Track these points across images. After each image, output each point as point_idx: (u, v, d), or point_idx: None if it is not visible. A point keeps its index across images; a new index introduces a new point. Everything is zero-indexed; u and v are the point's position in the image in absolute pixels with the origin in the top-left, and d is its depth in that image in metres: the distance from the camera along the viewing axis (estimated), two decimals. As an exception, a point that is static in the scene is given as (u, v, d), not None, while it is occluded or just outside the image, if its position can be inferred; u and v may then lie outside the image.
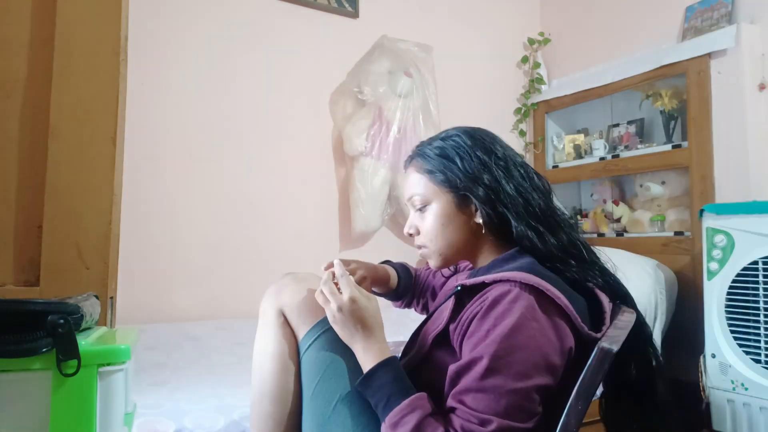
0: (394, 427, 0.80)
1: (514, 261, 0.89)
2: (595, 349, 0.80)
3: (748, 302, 1.90)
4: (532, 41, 3.38)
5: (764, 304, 1.86)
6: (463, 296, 0.88)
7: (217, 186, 2.45)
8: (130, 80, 1.25)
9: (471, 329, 0.82)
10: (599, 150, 2.94)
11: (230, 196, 2.48)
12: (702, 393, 2.02)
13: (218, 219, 2.44)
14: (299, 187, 2.65)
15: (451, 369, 0.81)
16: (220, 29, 2.49)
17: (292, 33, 2.66)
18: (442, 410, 0.82)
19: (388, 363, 0.87)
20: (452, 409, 0.79)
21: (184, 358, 1.67)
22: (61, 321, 0.70)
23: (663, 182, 2.70)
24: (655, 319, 2.27)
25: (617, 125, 2.93)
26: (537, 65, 3.36)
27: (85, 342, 0.74)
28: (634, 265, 2.32)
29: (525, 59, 3.39)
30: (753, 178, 2.27)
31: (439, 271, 1.22)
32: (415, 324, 1.02)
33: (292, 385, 0.96)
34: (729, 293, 1.95)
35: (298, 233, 2.62)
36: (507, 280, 0.83)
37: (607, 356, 0.79)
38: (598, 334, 0.84)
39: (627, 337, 0.84)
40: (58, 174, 1.04)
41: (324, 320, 0.94)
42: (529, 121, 3.36)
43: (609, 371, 0.80)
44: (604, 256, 0.96)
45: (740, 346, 1.92)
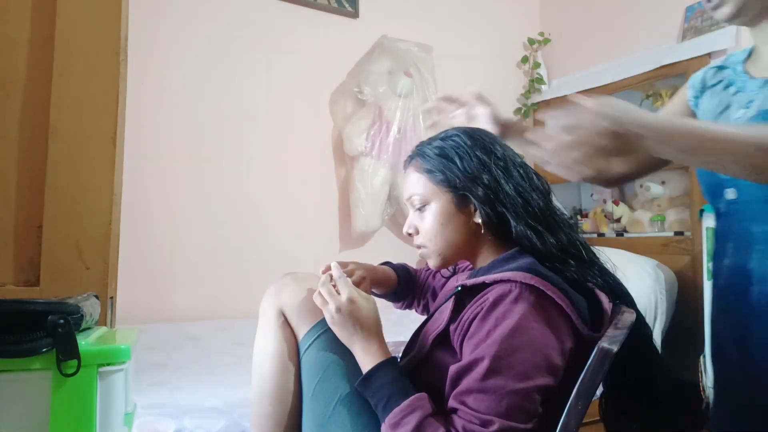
0: (394, 427, 0.80)
1: (515, 261, 0.89)
2: (595, 349, 0.80)
3: (748, 302, 1.90)
4: (532, 41, 3.38)
5: (764, 304, 1.86)
6: (464, 297, 0.88)
7: (217, 186, 2.45)
8: (130, 80, 1.25)
9: (472, 330, 0.82)
10: (599, 150, 2.93)
11: (230, 196, 2.47)
12: (702, 393, 2.02)
13: (218, 219, 2.44)
14: (299, 187, 2.65)
15: (452, 369, 0.81)
16: (220, 29, 2.49)
17: (292, 33, 2.66)
18: (442, 411, 0.82)
19: (388, 364, 0.87)
20: (453, 410, 0.79)
21: (184, 358, 1.67)
22: (61, 321, 0.70)
23: (663, 182, 2.70)
24: (655, 319, 2.27)
25: (617, 125, 2.93)
26: (537, 65, 3.36)
27: (85, 342, 0.74)
28: (634, 265, 2.32)
29: (525, 59, 3.39)
30: (753, 178, 2.27)
31: (439, 272, 1.22)
32: (416, 324, 1.01)
33: (292, 385, 0.96)
34: (729, 293, 1.95)
35: (298, 233, 2.62)
36: (507, 281, 0.83)
37: (607, 356, 0.79)
38: (598, 334, 0.84)
39: (627, 338, 0.84)
40: (58, 174, 1.04)
41: (324, 320, 0.93)
42: (529, 122, 3.36)
43: (609, 371, 0.80)
44: (604, 256, 0.96)
45: (740, 346, 1.91)
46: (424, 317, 1.05)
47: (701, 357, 2.06)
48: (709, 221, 2.07)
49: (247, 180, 2.52)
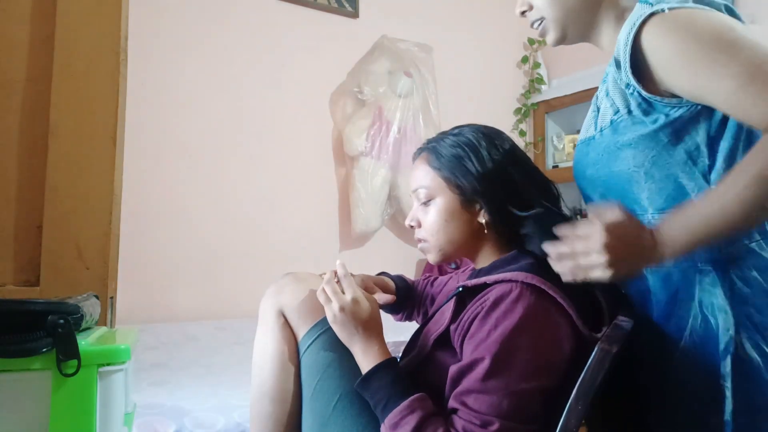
0: (394, 428, 0.80)
1: (516, 262, 0.89)
2: (595, 350, 0.80)
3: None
4: (532, 41, 3.38)
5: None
6: (465, 297, 0.88)
7: (217, 186, 2.45)
8: (131, 80, 1.25)
9: (472, 330, 0.82)
10: (599, 150, 2.93)
11: (230, 196, 2.47)
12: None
13: (218, 219, 2.44)
14: (299, 187, 2.65)
15: (453, 369, 0.81)
16: (220, 29, 2.49)
17: (292, 33, 2.66)
18: (442, 411, 0.82)
19: (388, 364, 0.87)
20: (454, 410, 0.79)
21: (184, 358, 1.67)
22: (61, 321, 0.70)
23: (663, 182, 2.69)
24: (655, 319, 2.27)
25: (617, 125, 2.93)
26: (537, 65, 3.36)
27: (85, 342, 0.74)
28: (634, 265, 2.32)
29: (525, 59, 3.39)
30: (753, 178, 2.27)
31: (437, 279, 1.22)
32: (416, 325, 1.02)
33: (292, 385, 0.96)
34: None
35: (298, 233, 2.62)
36: (508, 281, 0.83)
37: (607, 356, 0.79)
38: (599, 335, 0.84)
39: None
40: (58, 174, 1.04)
41: (324, 320, 0.93)
42: (529, 121, 3.36)
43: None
44: None
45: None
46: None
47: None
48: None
49: (247, 180, 2.52)
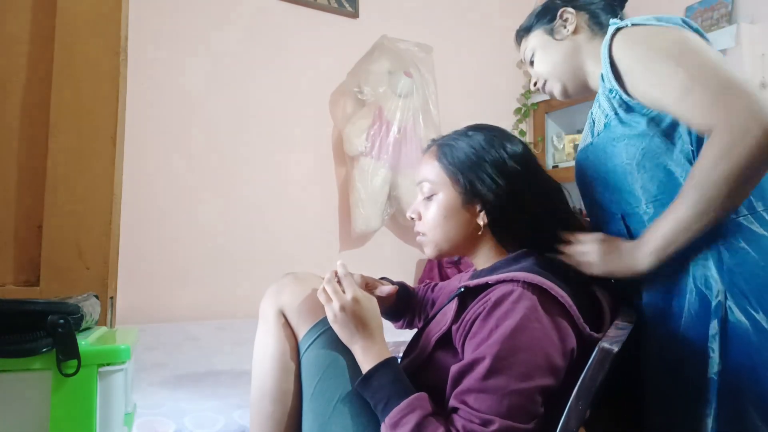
0: (394, 427, 0.80)
1: (518, 263, 0.89)
2: (596, 349, 0.80)
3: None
4: (532, 41, 3.38)
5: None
6: (466, 297, 0.88)
7: (217, 186, 2.45)
8: (131, 80, 1.25)
9: (474, 329, 0.82)
10: (599, 150, 2.93)
11: (230, 196, 2.47)
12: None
13: (218, 219, 2.44)
14: (299, 187, 2.65)
15: (454, 369, 0.81)
16: (220, 29, 2.49)
17: (292, 33, 2.66)
18: (443, 411, 0.82)
19: (388, 364, 0.87)
20: (454, 409, 0.79)
21: (184, 358, 1.67)
22: (61, 321, 0.70)
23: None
24: (655, 319, 2.27)
25: (617, 125, 2.93)
26: (537, 65, 3.35)
27: (85, 342, 0.74)
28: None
29: (525, 59, 3.39)
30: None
31: (438, 284, 1.22)
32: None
33: (292, 385, 0.96)
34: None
35: (298, 233, 2.62)
36: (510, 281, 0.83)
37: (608, 356, 0.78)
38: (600, 335, 0.84)
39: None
40: (58, 174, 1.04)
41: (324, 320, 0.93)
42: (529, 121, 3.36)
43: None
44: None
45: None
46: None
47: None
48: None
49: (247, 180, 2.52)
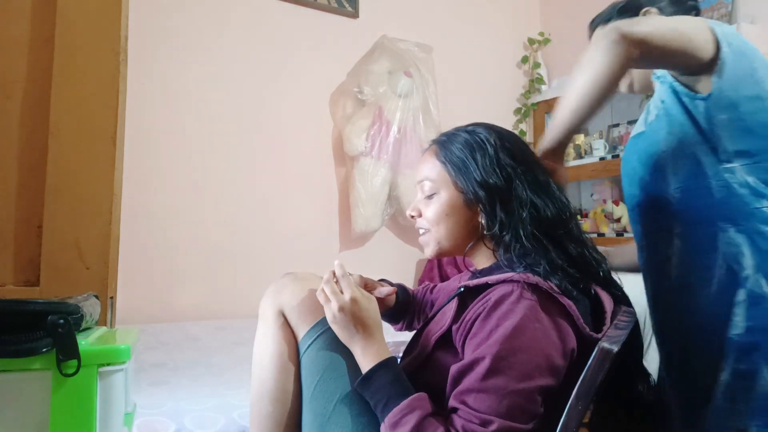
0: (394, 427, 0.80)
1: (518, 263, 0.89)
2: (596, 350, 0.80)
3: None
4: (532, 41, 3.38)
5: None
6: (466, 297, 0.88)
7: (217, 186, 2.45)
8: (130, 80, 1.25)
9: (474, 330, 0.82)
10: (599, 150, 2.93)
11: (230, 196, 2.47)
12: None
13: (218, 219, 2.44)
14: (299, 187, 2.65)
15: (453, 369, 0.81)
16: (220, 29, 2.49)
17: (292, 33, 2.66)
18: (443, 411, 0.82)
19: (388, 364, 0.87)
20: (454, 409, 0.79)
21: (184, 358, 1.67)
22: (61, 321, 0.70)
23: (663, 182, 2.69)
24: (655, 319, 2.27)
25: (617, 125, 2.93)
26: (537, 65, 3.36)
27: (85, 342, 0.74)
28: (634, 265, 2.32)
29: (525, 59, 3.39)
30: (753, 178, 2.27)
31: (437, 286, 1.21)
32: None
33: (292, 385, 0.96)
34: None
35: (298, 233, 2.62)
36: (510, 281, 0.83)
37: (608, 356, 0.78)
38: (600, 335, 0.84)
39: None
40: (58, 174, 1.04)
41: (324, 320, 0.93)
42: (529, 121, 3.36)
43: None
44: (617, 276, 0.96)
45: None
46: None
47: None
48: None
49: (247, 180, 2.52)
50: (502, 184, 0.90)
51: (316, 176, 2.71)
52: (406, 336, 1.03)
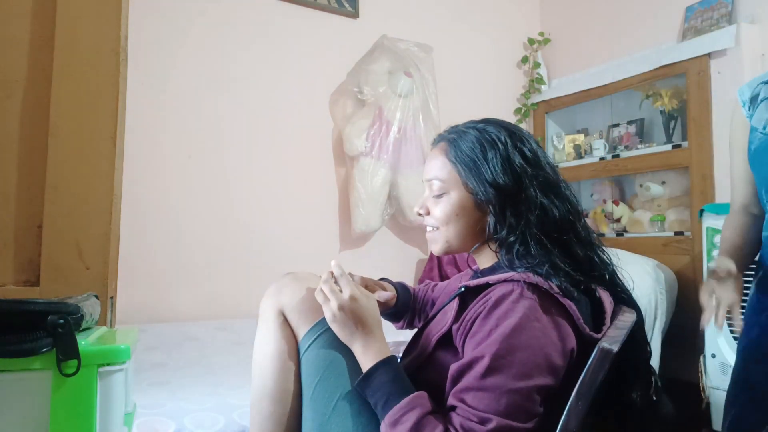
0: (394, 425, 0.80)
1: (519, 263, 0.89)
2: (596, 349, 0.80)
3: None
4: (532, 41, 3.38)
5: (764, 304, 1.86)
6: (467, 297, 0.88)
7: (217, 186, 2.45)
8: (130, 80, 1.25)
9: (474, 329, 0.82)
10: (599, 150, 2.94)
11: (230, 196, 2.48)
12: (702, 393, 2.02)
13: (218, 219, 2.44)
14: (299, 187, 2.65)
15: (453, 367, 0.81)
16: (220, 29, 2.49)
17: (292, 33, 2.66)
18: (443, 410, 0.82)
19: (388, 362, 0.87)
20: (452, 408, 0.79)
21: (184, 358, 1.67)
22: (61, 321, 0.70)
23: (663, 182, 2.70)
24: (655, 319, 2.27)
25: (617, 125, 2.93)
26: (537, 65, 3.36)
27: (85, 342, 0.74)
28: (634, 266, 2.32)
29: (525, 59, 3.39)
30: (753, 178, 2.27)
31: (438, 285, 1.21)
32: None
33: (292, 385, 0.96)
34: (729, 293, 1.95)
35: (298, 233, 2.62)
36: (510, 280, 0.83)
37: (608, 356, 0.78)
38: (600, 335, 0.84)
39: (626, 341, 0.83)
40: (58, 174, 1.03)
41: (324, 320, 0.93)
42: (529, 121, 3.36)
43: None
44: (623, 274, 0.96)
45: (740, 346, 1.92)
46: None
47: (701, 357, 2.06)
48: (710, 221, 2.08)
49: (247, 180, 2.52)
50: (512, 185, 0.89)
51: (316, 176, 2.71)
52: (406, 336, 1.03)
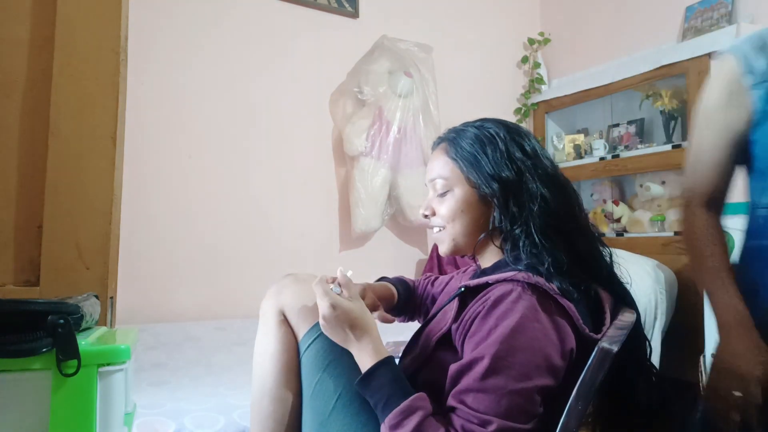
0: (395, 428, 0.79)
1: (519, 263, 0.89)
2: (595, 349, 0.80)
3: (748, 302, 1.90)
4: (532, 41, 3.38)
5: (764, 304, 1.86)
6: (467, 297, 0.88)
7: (217, 186, 2.45)
8: (130, 80, 1.25)
9: (473, 329, 0.82)
10: (599, 150, 2.94)
11: (230, 196, 2.48)
12: (702, 393, 2.02)
13: (218, 219, 2.44)
14: (299, 187, 2.65)
15: (452, 368, 0.81)
16: (220, 29, 2.49)
17: (292, 33, 2.66)
18: (442, 411, 0.82)
19: (387, 363, 0.87)
20: (452, 409, 0.79)
21: (184, 358, 1.67)
22: (61, 321, 0.70)
23: (663, 182, 2.69)
24: (655, 319, 2.27)
25: (617, 125, 2.93)
26: (537, 65, 3.36)
27: (85, 342, 0.74)
28: (634, 265, 2.32)
29: (525, 59, 3.39)
30: (753, 178, 2.27)
31: (438, 279, 1.21)
32: (416, 325, 1.01)
33: (292, 385, 0.96)
34: (729, 293, 1.95)
35: (298, 233, 2.62)
36: (510, 280, 0.83)
37: (608, 356, 0.78)
38: (599, 335, 0.84)
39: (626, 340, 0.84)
40: (58, 174, 1.04)
41: (324, 320, 0.93)
42: (529, 121, 3.36)
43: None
44: (622, 271, 0.96)
45: (740, 346, 1.92)
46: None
47: (701, 357, 2.06)
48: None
49: (247, 180, 2.52)
50: (513, 177, 0.90)
51: (316, 176, 2.71)
52: (406, 336, 1.03)
